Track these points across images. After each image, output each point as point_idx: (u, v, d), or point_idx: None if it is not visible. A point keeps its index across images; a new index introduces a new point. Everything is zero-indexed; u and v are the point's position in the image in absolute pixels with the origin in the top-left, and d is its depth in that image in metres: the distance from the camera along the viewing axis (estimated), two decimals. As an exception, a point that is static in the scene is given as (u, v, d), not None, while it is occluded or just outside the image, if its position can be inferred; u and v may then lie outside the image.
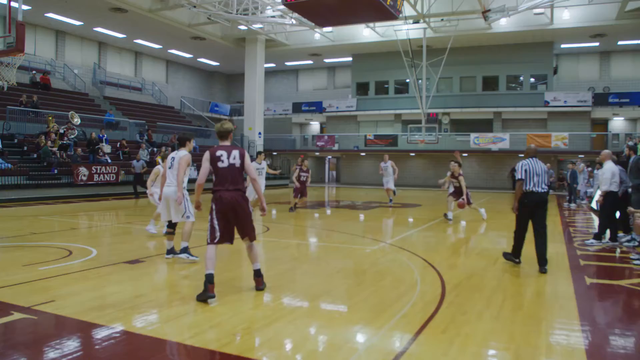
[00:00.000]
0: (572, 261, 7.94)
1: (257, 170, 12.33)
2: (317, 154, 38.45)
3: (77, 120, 21.80)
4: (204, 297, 5.30)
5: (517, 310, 5.26)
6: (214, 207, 5.51)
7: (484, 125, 33.26)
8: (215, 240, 5.47)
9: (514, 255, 7.45)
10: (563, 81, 33.10)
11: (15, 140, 20.35)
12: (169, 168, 7.44)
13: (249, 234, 5.67)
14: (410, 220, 14.47)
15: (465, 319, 4.90)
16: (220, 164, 5.51)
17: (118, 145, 23.80)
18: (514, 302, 5.61)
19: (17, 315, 4.71)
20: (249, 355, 3.90)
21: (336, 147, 36.41)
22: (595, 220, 12.25)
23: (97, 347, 4.16)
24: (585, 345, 4.27)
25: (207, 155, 5.60)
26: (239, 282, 6.57)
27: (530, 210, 7.13)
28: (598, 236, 9.81)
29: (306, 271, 7.32)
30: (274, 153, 38.33)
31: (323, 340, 4.33)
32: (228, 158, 5.53)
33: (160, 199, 7.98)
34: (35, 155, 19.79)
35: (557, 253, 8.69)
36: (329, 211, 16.97)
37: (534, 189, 6.99)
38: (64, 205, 16.66)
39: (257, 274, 5.79)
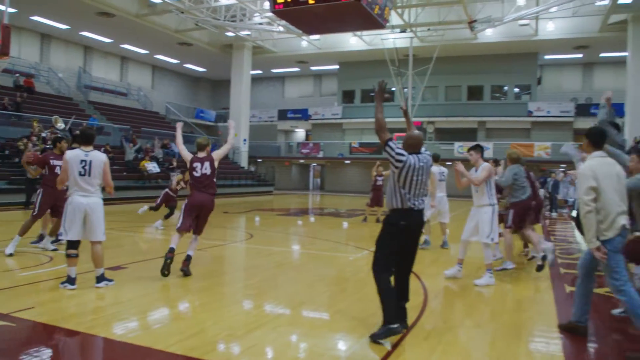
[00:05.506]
0: (552, 269, 8.03)
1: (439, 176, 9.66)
2: (301, 161, 38.44)
3: (60, 125, 21.54)
4: (165, 263, 6.40)
5: (498, 318, 5.30)
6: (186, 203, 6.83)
7: (469, 134, 33.51)
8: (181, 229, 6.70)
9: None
10: (547, 91, 33.57)
11: (-3, 144, 20.09)
12: (83, 175, 5.93)
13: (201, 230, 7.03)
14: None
15: (447, 327, 4.93)
16: (195, 173, 6.85)
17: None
18: (495, 309, 5.66)
19: (-5, 322, 4.65)
20: (230, 362, 3.88)
21: (321, 154, 36.44)
22: (576, 229, 12.36)
23: (76, 354, 4.11)
24: (565, 352, 4.32)
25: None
26: (220, 288, 6.55)
27: None
28: None
29: (289, 278, 7.31)
30: (259, 160, 38.26)
31: (305, 348, 4.33)
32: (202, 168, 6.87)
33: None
34: (17, 160, 19.50)
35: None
36: (312, 219, 16.97)
37: None
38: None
39: (189, 259, 6.77)
